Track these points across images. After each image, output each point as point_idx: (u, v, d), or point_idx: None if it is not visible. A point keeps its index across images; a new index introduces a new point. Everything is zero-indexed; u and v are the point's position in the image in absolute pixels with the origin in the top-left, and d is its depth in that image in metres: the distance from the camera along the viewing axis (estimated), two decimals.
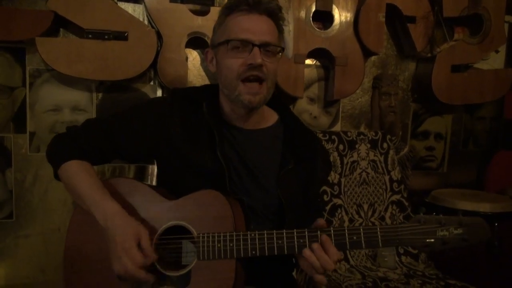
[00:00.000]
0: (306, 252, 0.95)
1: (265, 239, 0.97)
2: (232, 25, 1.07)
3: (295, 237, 0.96)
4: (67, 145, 1.13)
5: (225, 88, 1.11)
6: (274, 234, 0.97)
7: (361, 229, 0.95)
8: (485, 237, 0.92)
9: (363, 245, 0.94)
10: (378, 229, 0.94)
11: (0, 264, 1.84)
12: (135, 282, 0.99)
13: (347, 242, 0.95)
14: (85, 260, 1.08)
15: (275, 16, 1.10)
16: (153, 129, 1.13)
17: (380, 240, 0.94)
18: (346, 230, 0.95)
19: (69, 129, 1.17)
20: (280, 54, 1.11)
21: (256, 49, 1.04)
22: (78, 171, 1.09)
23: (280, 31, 1.13)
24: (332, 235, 0.95)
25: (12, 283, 1.86)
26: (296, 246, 0.96)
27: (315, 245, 0.95)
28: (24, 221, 1.86)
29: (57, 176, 1.15)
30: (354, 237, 0.94)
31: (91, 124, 1.18)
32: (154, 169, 1.95)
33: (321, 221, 1.00)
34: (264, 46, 1.05)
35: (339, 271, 1.85)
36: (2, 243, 1.84)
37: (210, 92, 1.20)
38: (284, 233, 0.97)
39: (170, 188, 1.13)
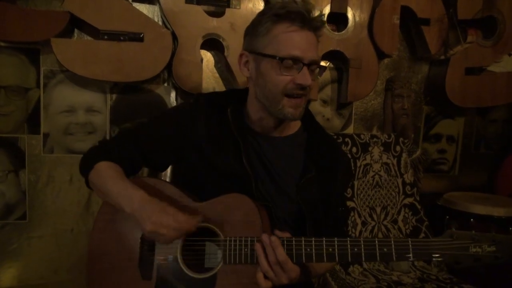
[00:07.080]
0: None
1: (293, 246, 0.96)
2: (284, 39, 1.03)
3: (324, 245, 0.95)
4: (99, 157, 1.14)
5: (265, 100, 1.09)
6: (303, 241, 0.96)
7: (392, 241, 0.93)
8: None
9: (394, 258, 0.92)
10: (410, 242, 0.92)
11: (13, 264, 1.84)
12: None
13: (377, 254, 0.93)
14: (108, 258, 1.09)
15: (320, 32, 1.09)
16: (178, 137, 1.14)
17: (411, 254, 0.92)
18: (376, 242, 0.93)
19: (101, 142, 1.22)
20: (319, 70, 1.11)
21: (305, 69, 1.03)
22: (106, 169, 1.10)
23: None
24: (362, 246, 0.93)
25: (25, 283, 1.85)
26: (324, 254, 0.95)
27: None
28: (37, 222, 1.86)
29: (88, 185, 1.16)
30: (385, 249, 0.92)
31: (121, 136, 1.21)
32: (167, 171, 1.94)
33: None
34: (311, 65, 1.05)
35: (353, 274, 1.85)
36: (15, 244, 1.84)
37: (235, 97, 1.20)
38: (313, 241, 0.96)
39: (190, 191, 1.12)
